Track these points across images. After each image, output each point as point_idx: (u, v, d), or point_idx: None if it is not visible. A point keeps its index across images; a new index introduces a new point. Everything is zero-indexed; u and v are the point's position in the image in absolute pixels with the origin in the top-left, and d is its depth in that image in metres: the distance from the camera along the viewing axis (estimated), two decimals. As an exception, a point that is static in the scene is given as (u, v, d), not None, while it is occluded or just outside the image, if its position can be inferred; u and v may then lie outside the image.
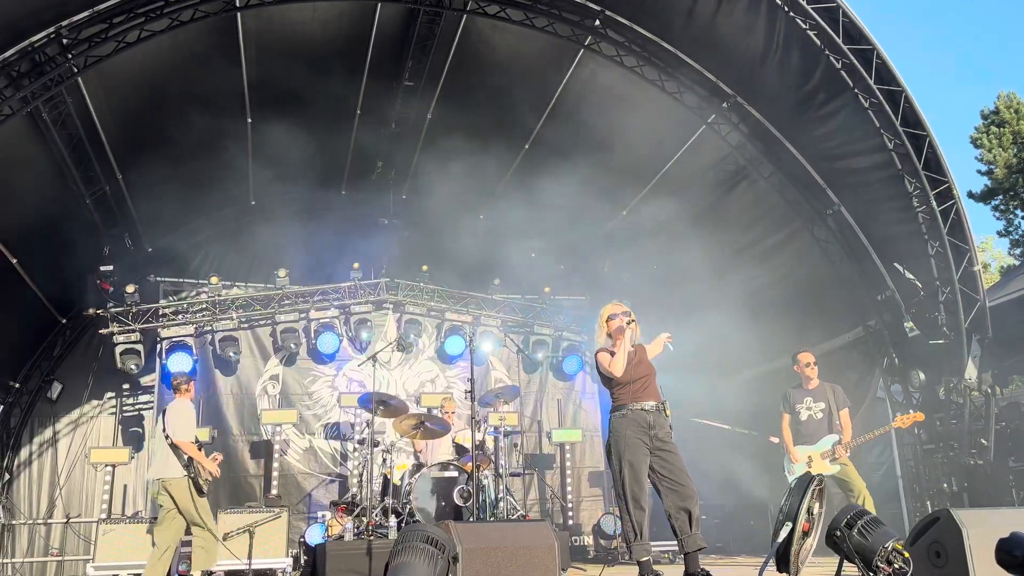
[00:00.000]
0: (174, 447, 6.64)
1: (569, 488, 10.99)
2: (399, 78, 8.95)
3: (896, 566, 4.23)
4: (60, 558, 9.35)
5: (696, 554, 4.84)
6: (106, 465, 9.29)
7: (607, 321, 5.35)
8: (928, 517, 4.85)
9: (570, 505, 10.91)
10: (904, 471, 8.61)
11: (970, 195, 25.13)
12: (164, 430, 6.70)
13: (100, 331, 9.53)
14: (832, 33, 7.19)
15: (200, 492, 6.75)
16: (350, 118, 9.41)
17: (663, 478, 4.98)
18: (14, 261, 8.39)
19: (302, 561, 8.62)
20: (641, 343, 5.40)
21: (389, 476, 8.35)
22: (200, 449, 6.85)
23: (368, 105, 9.25)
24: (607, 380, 5.27)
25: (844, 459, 6.54)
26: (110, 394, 10.09)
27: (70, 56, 7.15)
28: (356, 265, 10.79)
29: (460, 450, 8.67)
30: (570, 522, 10.75)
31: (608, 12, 8.24)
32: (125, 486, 9.66)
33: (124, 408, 10.05)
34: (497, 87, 9.07)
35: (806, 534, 4.40)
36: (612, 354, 5.22)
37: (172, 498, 6.62)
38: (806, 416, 6.77)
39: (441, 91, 9.10)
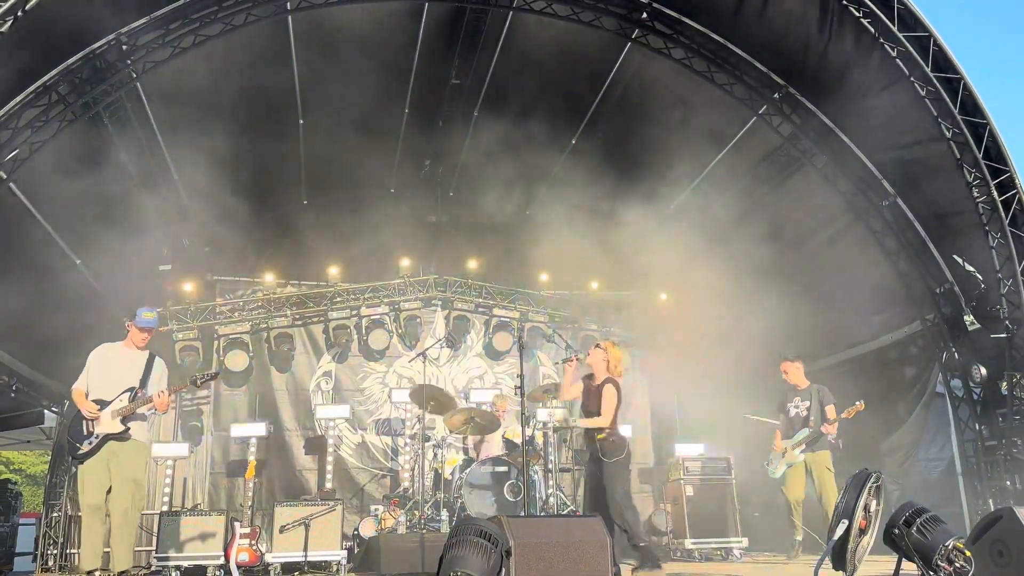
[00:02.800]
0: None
1: (619, 484, 10.92)
2: (446, 76, 9.01)
3: (957, 565, 4.14)
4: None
5: None
6: (167, 459, 9.55)
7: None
8: (990, 515, 4.75)
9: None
10: (965, 468, 8.37)
11: (1033, 183, 24.23)
12: None
13: (160, 329, 9.80)
14: (886, 20, 7.03)
15: (72, 455, 5.41)
16: (398, 117, 9.50)
17: None
18: (78, 262, 8.69)
19: (356, 553, 8.76)
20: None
21: (440, 471, 8.44)
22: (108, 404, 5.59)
23: (416, 103, 9.33)
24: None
25: (832, 431, 7.49)
26: (169, 390, 10.35)
27: (129, 62, 7.39)
28: (406, 262, 10.91)
29: (510, 445, 8.72)
30: (620, 518, 10.69)
31: (655, 4, 8.17)
32: (185, 479, 9.93)
33: (183, 403, 10.30)
34: (543, 83, 9.07)
35: (863, 531, 4.33)
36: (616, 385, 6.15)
37: None
38: (793, 414, 7.74)
39: (487, 88, 9.13)
